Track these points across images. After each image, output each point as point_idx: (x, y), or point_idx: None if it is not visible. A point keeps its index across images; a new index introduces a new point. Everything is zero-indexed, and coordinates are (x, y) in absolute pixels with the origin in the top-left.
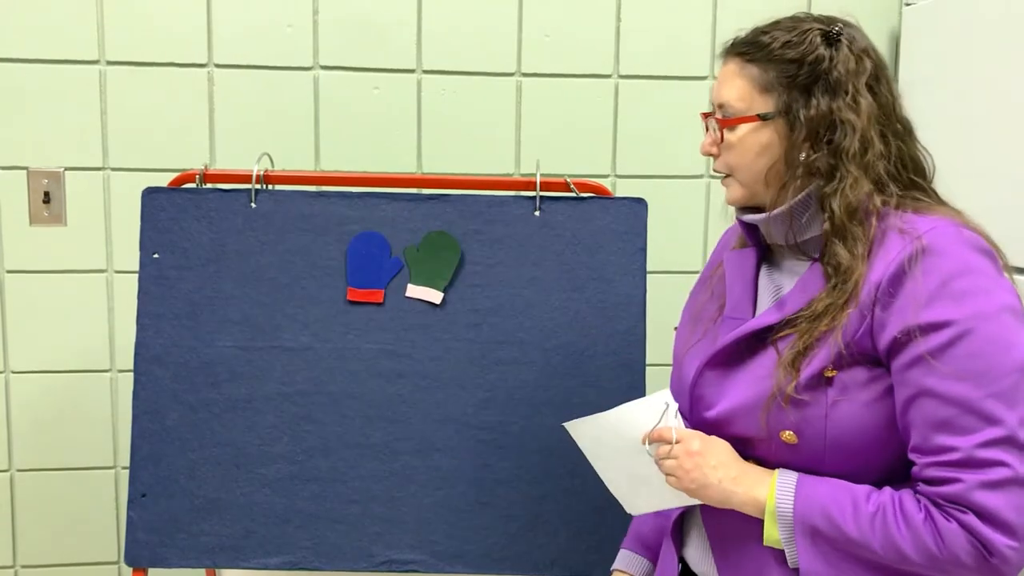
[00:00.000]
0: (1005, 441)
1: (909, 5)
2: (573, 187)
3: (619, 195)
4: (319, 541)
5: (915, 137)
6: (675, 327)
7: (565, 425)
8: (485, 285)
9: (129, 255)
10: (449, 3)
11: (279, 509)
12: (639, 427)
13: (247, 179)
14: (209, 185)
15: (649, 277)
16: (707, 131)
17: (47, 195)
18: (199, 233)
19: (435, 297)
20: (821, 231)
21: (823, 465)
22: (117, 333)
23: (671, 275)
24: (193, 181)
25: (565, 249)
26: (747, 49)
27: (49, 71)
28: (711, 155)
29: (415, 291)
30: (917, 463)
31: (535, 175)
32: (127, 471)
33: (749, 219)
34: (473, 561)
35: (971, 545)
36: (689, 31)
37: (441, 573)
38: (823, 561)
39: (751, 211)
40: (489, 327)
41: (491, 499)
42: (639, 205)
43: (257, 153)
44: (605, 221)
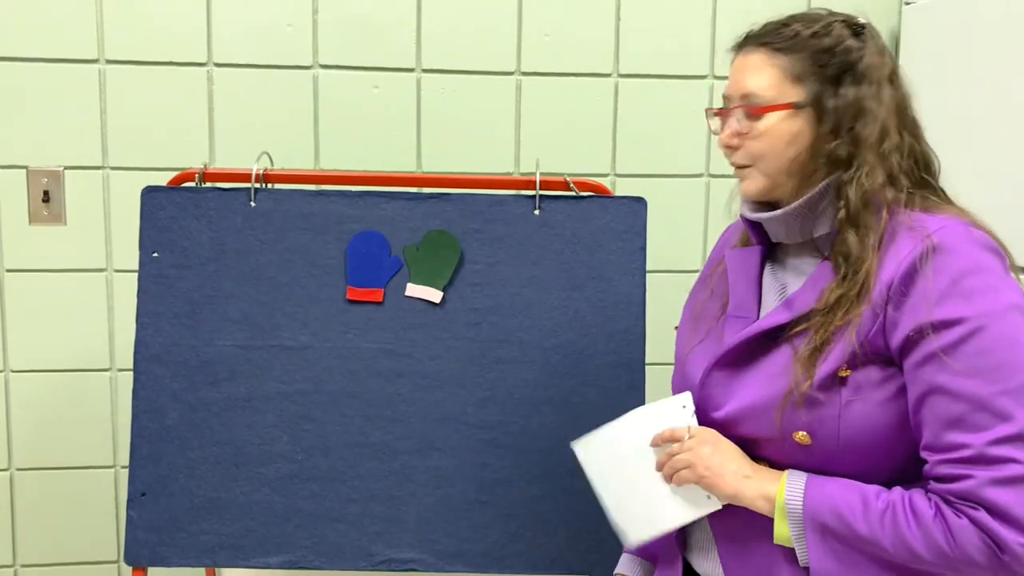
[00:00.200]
0: (1017, 438)
1: (909, 5)
2: (573, 186)
3: (619, 194)
4: (319, 540)
5: (924, 137)
6: (675, 326)
7: (573, 447)
8: (485, 284)
9: (129, 254)
10: (449, 2)
11: (279, 508)
12: (657, 430)
13: (246, 178)
14: (208, 184)
15: (649, 276)
16: (722, 125)
17: (47, 194)
18: (198, 232)
19: (435, 296)
20: (830, 228)
21: (834, 465)
22: (117, 332)
23: (671, 274)
24: (192, 180)
25: (565, 248)
26: (774, 40)
27: (49, 70)
28: (731, 147)
29: (415, 290)
30: (929, 460)
31: (535, 174)
32: (127, 470)
33: (758, 217)
34: (473, 560)
35: (982, 542)
36: (689, 30)
37: (441, 572)
38: (833, 559)
39: (760, 208)
40: (489, 326)
41: (491, 498)
42: (639, 204)
43: (256, 152)
44: (605, 220)
